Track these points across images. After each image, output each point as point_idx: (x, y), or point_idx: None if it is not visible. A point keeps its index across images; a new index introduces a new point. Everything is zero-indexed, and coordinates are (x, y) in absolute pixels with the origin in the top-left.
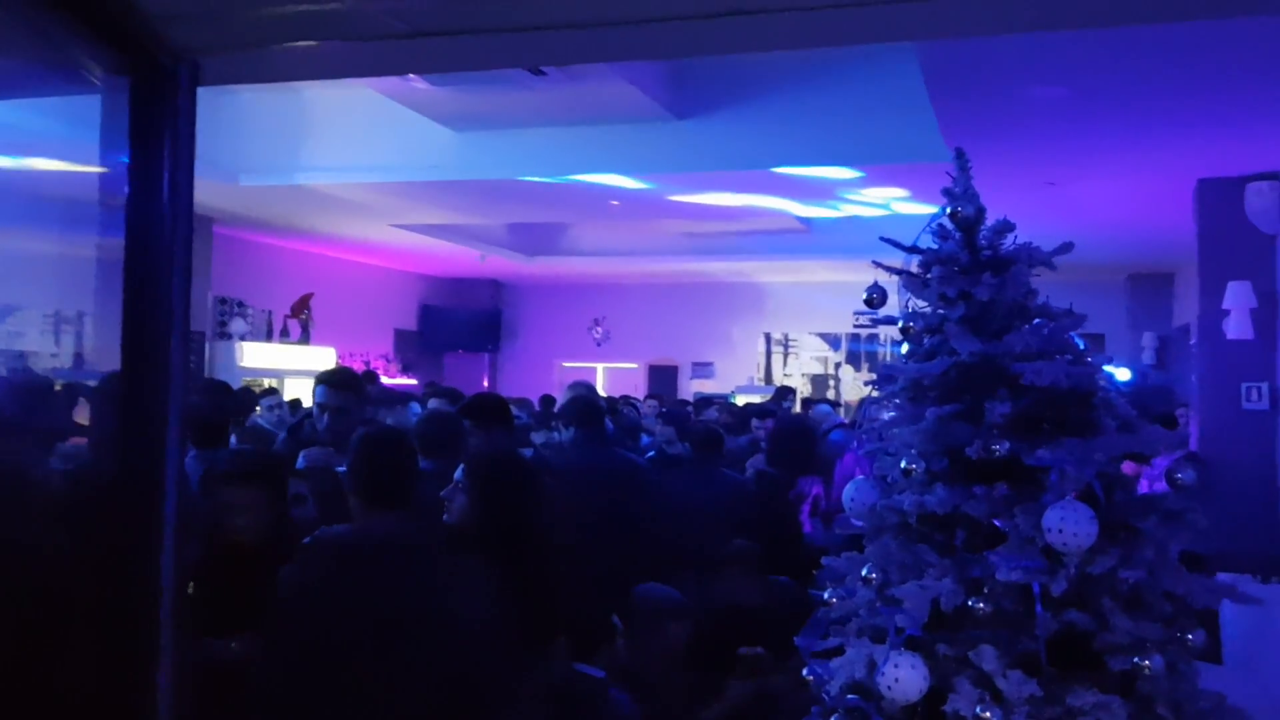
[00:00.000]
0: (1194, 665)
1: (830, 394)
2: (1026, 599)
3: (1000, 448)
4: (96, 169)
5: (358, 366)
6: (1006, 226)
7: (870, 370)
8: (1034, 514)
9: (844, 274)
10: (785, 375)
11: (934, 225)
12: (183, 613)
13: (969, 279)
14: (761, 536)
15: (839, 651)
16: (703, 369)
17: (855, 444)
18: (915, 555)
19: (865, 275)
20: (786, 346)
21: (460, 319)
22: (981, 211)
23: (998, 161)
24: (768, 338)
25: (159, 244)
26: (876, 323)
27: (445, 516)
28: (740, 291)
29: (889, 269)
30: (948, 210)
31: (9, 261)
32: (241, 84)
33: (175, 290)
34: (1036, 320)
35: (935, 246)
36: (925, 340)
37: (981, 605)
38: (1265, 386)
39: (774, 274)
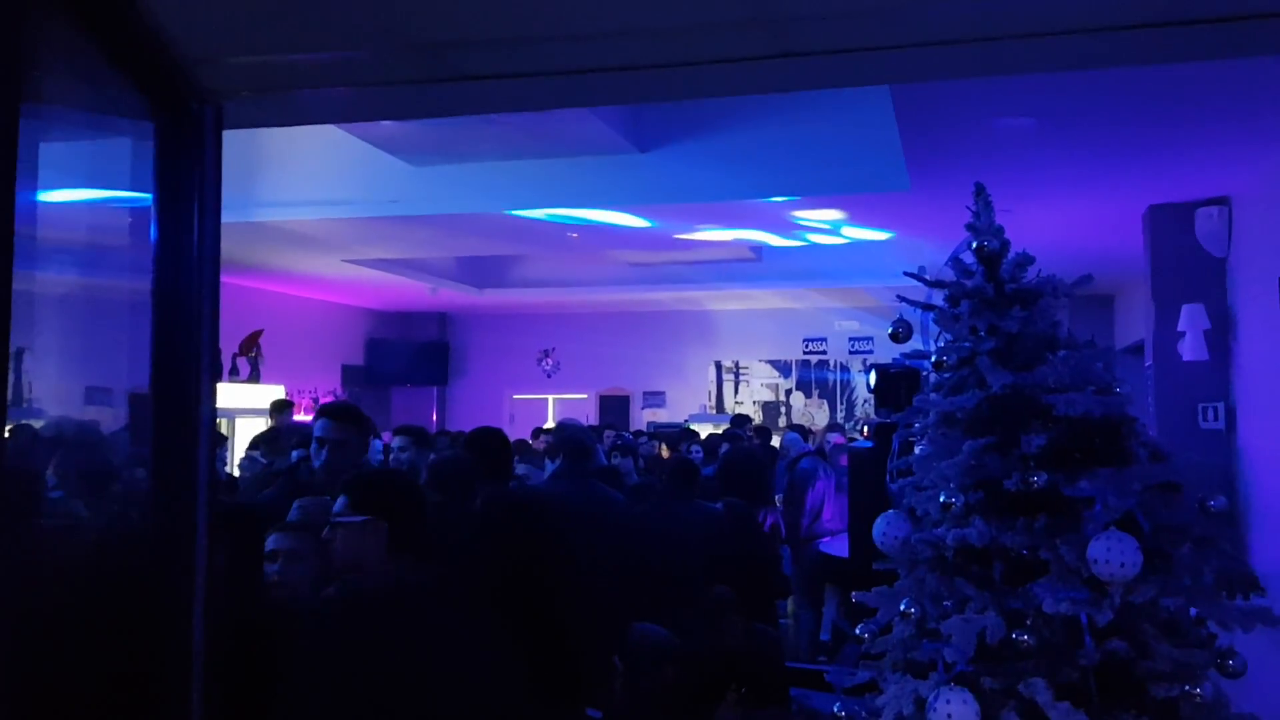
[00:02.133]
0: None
1: (781, 421)
2: (1067, 630)
3: (1038, 479)
4: (124, 211)
5: (306, 404)
6: (1027, 259)
7: (820, 397)
8: (1077, 545)
9: (793, 301)
10: (737, 403)
11: (951, 260)
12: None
13: (997, 312)
14: (741, 566)
15: (872, 687)
16: (654, 398)
17: (822, 472)
18: (955, 589)
19: (814, 303)
20: (737, 374)
21: (408, 352)
22: (1006, 245)
23: (960, 190)
24: (718, 366)
25: (187, 286)
26: (907, 357)
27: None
28: (690, 320)
29: (916, 304)
30: (972, 244)
31: (36, 302)
32: (264, 127)
33: (205, 333)
34: (1063, 352)
35: (956, 280)
36: (951, 375)
37: (1026, 638)
38: (1221, 406)
39: (724, 302)
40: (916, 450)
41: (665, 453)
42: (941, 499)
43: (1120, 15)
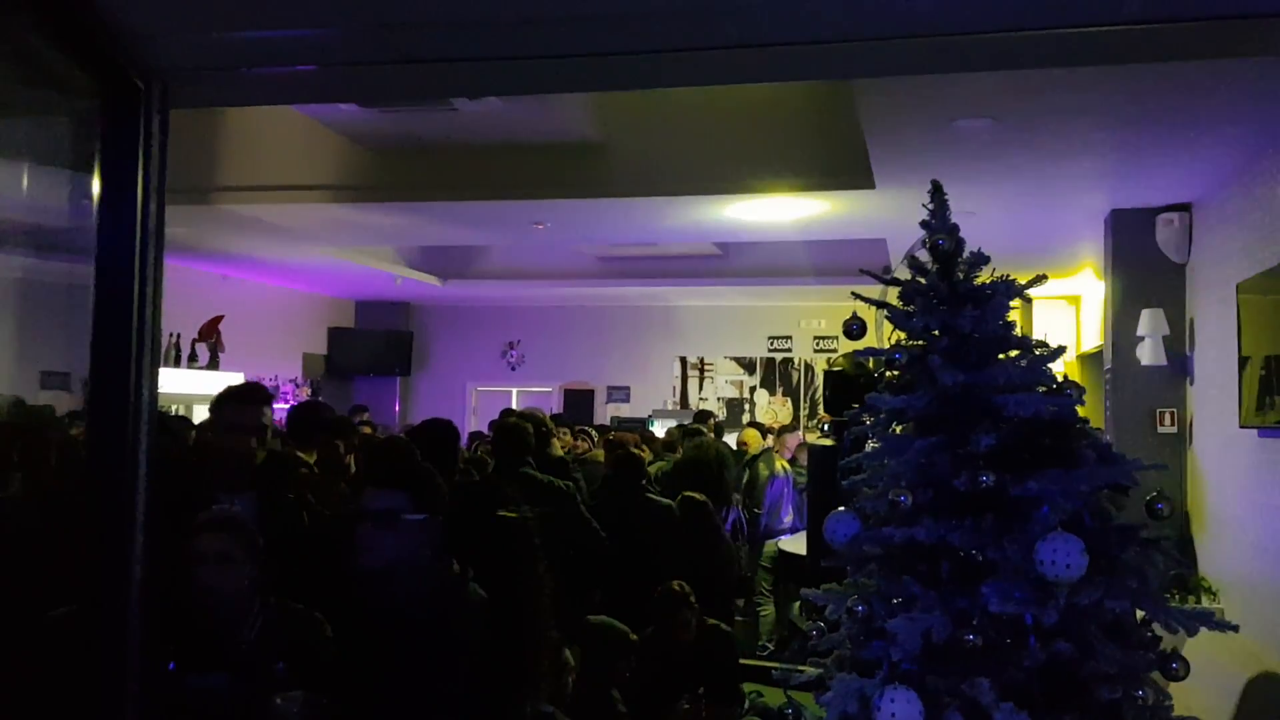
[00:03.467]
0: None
1: (745, 418)
2: (1013, 630)
3: (987, 479)
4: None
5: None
6: (981, 259)
7: (785, 394)
8: (1023, 545)
9: (758, 299)
10: (701, 399)
11: (906, 258)
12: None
13: (950, 311)
14: (695, 562)
15: (819, 684)
16: (619, 393)
17: (781, 470)
18: (902, 587)
19: (778, 301)
20: (702, 370)
21: (370, 342)
22: (960, 244)
23: (924, 190)
24: (683, 362)
25: (130, 267)
26: (860, 355)
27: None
28: (655, 315)
29: (870, 301)
30: (925, 242)
31: None
32: (214, 106)
33: (147, 314)
34: (1015, 352)
35: (911, 278)
36: (902, 373)
37: (972, 637)
38: (1177, 411)
39: (689, 298)
40: (867, 448)
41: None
42: (890, 496)
43: (1083, 14)
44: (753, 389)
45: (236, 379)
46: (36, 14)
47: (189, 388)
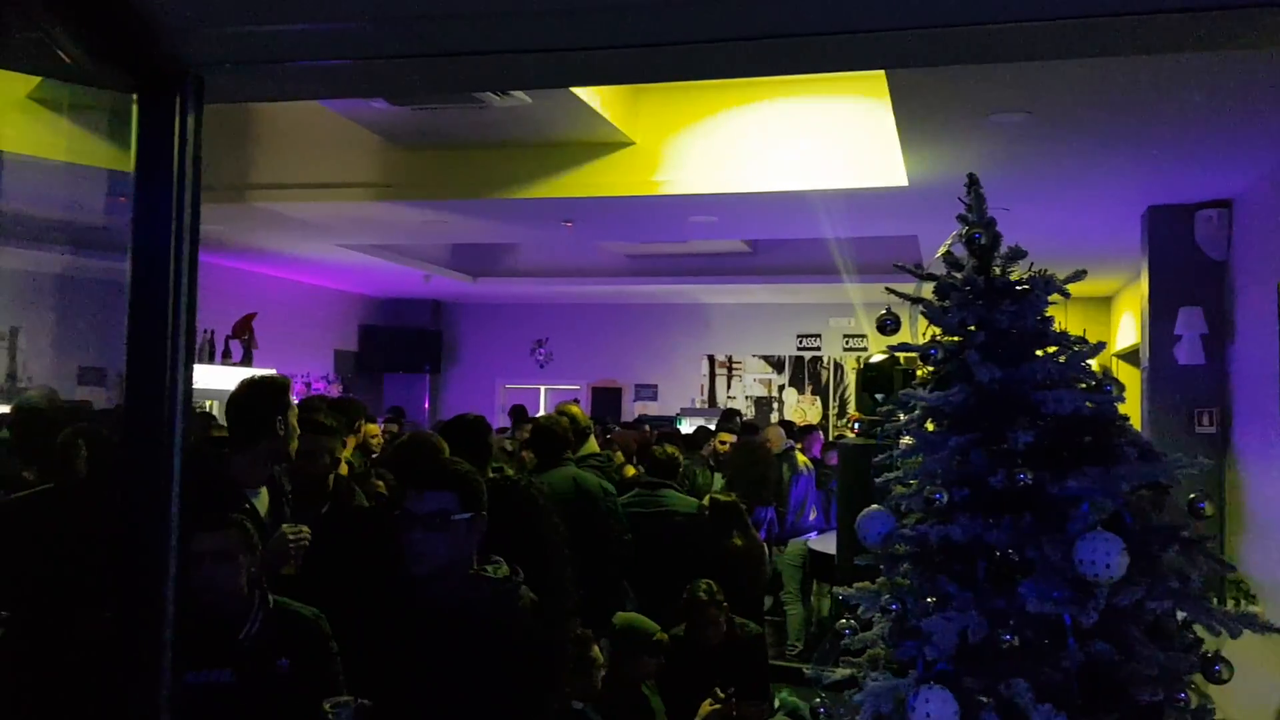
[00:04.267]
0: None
1: (773, 417)
2: (1051, 630)
3: (1025, 477)
4: (103, 184)
5: (299, 388)
6: (1018, 253)
7: (814, 393)
8: (1062, 544)
9: (787, 296)
10: (729, 398)
11: (942, 253)
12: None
13: (987, 306)
14: (724, 561)
15: (852, 684)
16: (646, 391)
17: (805, 469)
18: (937, 586)
19: (808, 297)
20: (730, 369)
21: (400, 339)
22: (997, 238)
23: (957, 187)
24: (711, 360)
25: (165, 262)
26: (894, 350)
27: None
28: (683, 313)
29: (905, 296)
30: (962, 235)
31: (16, 278)
32: (248, 101)
33: (181, 307)
34: (1054, 348)
35: (947, 273)
36: (937, 369)
37: (1008, 637)
38: (1216, 411)
39: (717, 296)
40: (901, 445)
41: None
42: (926, 493)
43: (1123, 3)
44: (781, 387)
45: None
46: (70, 8)
47: (223, 384)
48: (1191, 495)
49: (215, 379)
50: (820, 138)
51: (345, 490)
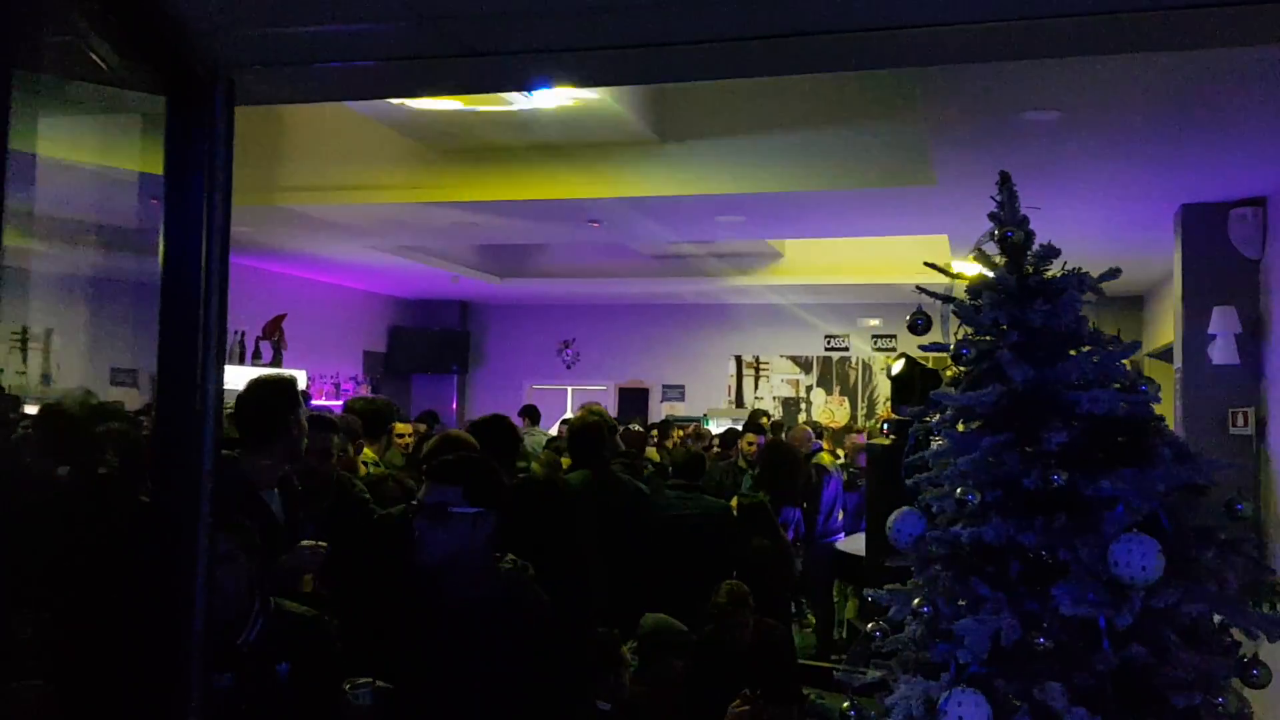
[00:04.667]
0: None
1: (801, 417)
2: (1085, 633)
3: (1059, 478)
4: (134, 185)
5: (327, 389)
6: (1052, 251)
7: (842, 394)
8: (1097, 546)
9: (815, 296)
10: (757, 398)
11: (973, 251)
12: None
13: (1020, 305)
14: (751, 562)
15: (883, 687)
16: (673, 391)
17: (835, 470)
18: (969, 588)
19: (836, 298)
20: (758, 369)
21: (428, 340)
22: (1030, 236)
23: (987, 186)
24: (738, 360)
25: (194, 261)
26: (925, 350)
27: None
28: (711, 313)
29: (936, 295)
30: (994, 234)
31: (50, 281)
32: (278, 103)
33: (213, 308)
34: (1088, 347)
35: (978, 271)
36: (969, 369)
37: (1042, 640)
38: (1251, 411)
39: (745, 296)
40: (933, 446)
41: None
42: (958, 493)
43: None
44: (809, 388)
45: (299, 376)
46: (103, 10)
47: None
48: (1229, 497)
49: (245, 380)
50: (849, 136)
51: (345, 483)
